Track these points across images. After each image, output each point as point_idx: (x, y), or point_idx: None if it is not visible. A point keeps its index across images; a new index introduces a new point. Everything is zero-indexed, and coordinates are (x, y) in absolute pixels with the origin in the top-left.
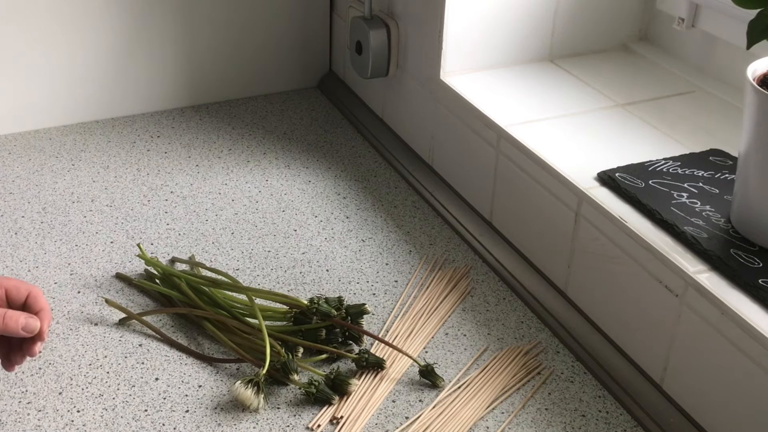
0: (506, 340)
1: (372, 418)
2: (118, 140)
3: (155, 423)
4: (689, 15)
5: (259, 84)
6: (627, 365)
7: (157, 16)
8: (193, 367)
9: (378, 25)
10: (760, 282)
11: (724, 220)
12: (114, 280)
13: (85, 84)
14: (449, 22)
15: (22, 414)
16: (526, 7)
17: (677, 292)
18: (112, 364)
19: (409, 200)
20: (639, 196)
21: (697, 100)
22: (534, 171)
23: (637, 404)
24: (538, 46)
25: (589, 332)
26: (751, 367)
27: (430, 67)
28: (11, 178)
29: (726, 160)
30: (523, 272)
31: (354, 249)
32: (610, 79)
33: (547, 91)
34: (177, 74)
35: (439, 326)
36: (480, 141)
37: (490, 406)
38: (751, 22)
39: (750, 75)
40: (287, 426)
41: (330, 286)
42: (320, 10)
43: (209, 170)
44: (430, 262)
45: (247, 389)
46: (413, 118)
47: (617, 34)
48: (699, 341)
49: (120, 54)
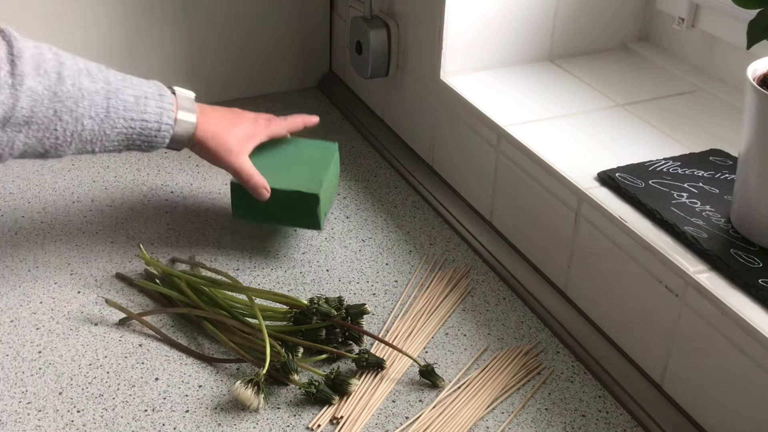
0: (506, 340)
1: (372, 418)
2: None
3: (155, 423)
4: (689, 15)
5: (259, 84)
6: (627, 365)
7: (157, 16)
8: (193, 367)
9: (378, 25)
10: (760, 282)
11: (724, 220)
12: (114, 280)
13: None
14: (449, 22)
15: (22, 414)
16: (526, 7)
17: (677, 292)
18: (112, 364)
19: (409, 200)
20: (639, 196)
21: (697, 100)
22: (534, 171)
23: (637, 404)
24: (538, 46)
25: (589, 332)
26: (751, 367)
27: (430, 67)
28: (11, 178)
29: (726, 160)
30: (523, 272)
31: (354, 249)
32: (610, 79)
33: (547, 91)
34: (177, 74)
35: (439, 326)
36: (480, 141)
37: (490, 406)
38: (751, 22)
39: (750, 75)
40: (287, 426)
41: (330, 286)
42: (320, 10)
43: (209, 170)
44: (430, 262)
45: (247, 389)
46: (413, 118)
47: (617, 34)
48: (699, 341)
49: (120, 54)
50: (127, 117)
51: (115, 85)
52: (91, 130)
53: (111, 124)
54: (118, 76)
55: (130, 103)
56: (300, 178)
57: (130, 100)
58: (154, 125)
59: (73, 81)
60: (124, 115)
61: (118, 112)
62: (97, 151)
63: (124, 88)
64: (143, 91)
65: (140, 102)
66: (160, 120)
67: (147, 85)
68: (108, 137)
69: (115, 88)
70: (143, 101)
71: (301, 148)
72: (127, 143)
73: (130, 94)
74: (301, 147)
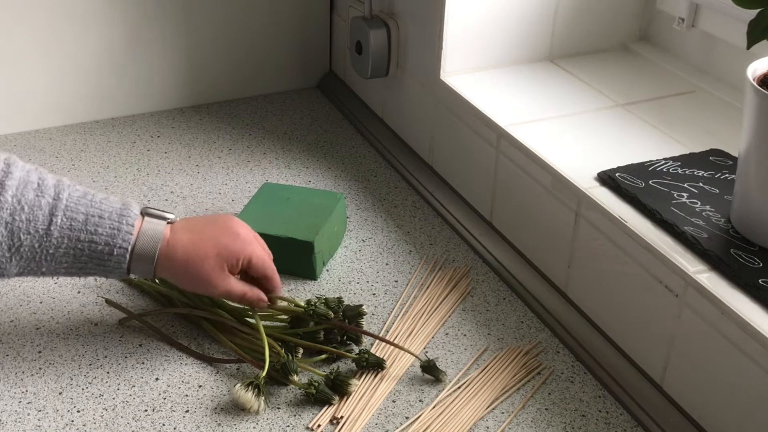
0: (506, 340)
1: (372, 418)
2: (118, 140)
3: (155, 423)
4: (689, 15)
5: (259, 84)
6: (627, 365)
7: (157, 16)
8: (193, 367)
9: (378, 25)
10: (760, 282)
11: (724, 220)
12: (114, 280)
13: (85, 84)
14: (449, 22)
15: (22, 414)
16: (526, 7)
17: (677, 292)
18: (112, 364)
19: (409, 200)
20: (639, 196)
21: (697, 100)
22: (534, 171)
23: (637, 404)
24: (538, 46)
25: (589, 332)
26: (751, 367)
27: (430, 67)
28: None
29: (726, 160)
30: (523, 272)
31: (354, 249)
32: (610, 79)
33: (547, 91)
34: (177, 74)
35: (439, 326)
36: (480, 141)
37: (490, 406)
38: (751, 22)
39: (750, 75)
40: (287, 426)
41: (330, 286)
42: (320, 10)
43: (209, 170)
44: (430, 262)
45: (247, 392)
46: (413, 118)
47: (617, 34)
48: (699, 341)
49: (120, 54)
50: (73, 237)
51: (65, 202)
52: (31, 246)
53: (54, 243)
54: (77, 193)
55: (78, 222)
56: (297, 226)
57: (79, 218)
58: (105, 248)
59: (14, 192)
60: (69, 234)
61: (62, 231)
62: (47, 273)
63: (76, 206)
64: (99, 210)
65: (91, 221)
66: (113, 243)
67: (109, 204)
68: (53, 257)
69: (64, 205)
70: (95, 221)
71: (305, 197)
72: (79, 266)
73: (81, 212)
74: (305, 196)
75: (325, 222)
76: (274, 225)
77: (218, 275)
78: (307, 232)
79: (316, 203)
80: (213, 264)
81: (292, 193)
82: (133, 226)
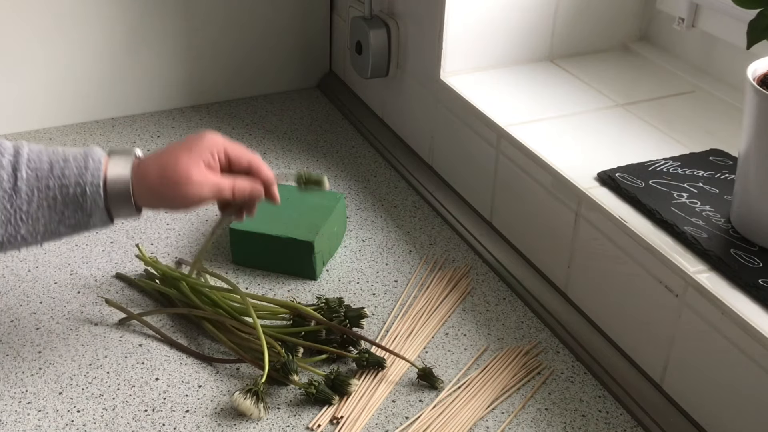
0: (506, 340)
1: (372, 418)
2: (118, 140)
3: (155, 423)
4: (689, 15)
5: (259, 84)
6: (627, 365)
7: (157, 16)
8: (193, 367)
9: (378, 25)
10: (760, 282)
11: (724, 220)
12: (114, 280)
13: (85, 84)
14: (449, 22)
15: (22, 414)
16: (526, 7)
17: (677, 292)
18: (112, 364)
19: (409, 200)
20: (639, 196)
21: (697, 100)
22: (534, 171)
23: (637, 404)
24: (538, 46)
25: (589, 332)
26: (751, 367)
27: (430, 67)
28: None
29: (726, 160)
30: (523, 272)
31: (354, 249)
32: (610, 79)
33: (547, 91)
34: (177, 74)
35: (439, 326)
36: (480, 141)
37: (490, 406)
38: (751, 22)
39: (750, 75)
40: (287, 426)
41: (330, 286)
42: (320, 10)
43: None
44: (430, 262)
45: (246, 399)
46: (413, 118)
47: (617, 34)
48: (699, 341)
49: (120, 54)
50: (42, 186)
51: (26, 156)
52: (3, 209)
53: (25, 199)
54: (37, 147)
55: (44, 171)
56: (297, 226)
57: (44, 167)
58: (77, 189)
59: None
60: (36, 185)
61: (29, 183)
62: (29, 239)
63: (39, 157)
64: (63, 155)
65: (57, 167)
66: (83, 180)
67: (71, 150)
68: (28, 214)
69: (26, 159)
70: (61, 165)
71: (305, 197)
72: (57, 218)
73: (45, 161)
74: (305, 196)
75: (325, 222)
76: (274, 225)
77: (198, 171)
78: (307, 232)
79: (316, 203)
80: (188, 161)
81: (292, 193)
82: (101, 162)
